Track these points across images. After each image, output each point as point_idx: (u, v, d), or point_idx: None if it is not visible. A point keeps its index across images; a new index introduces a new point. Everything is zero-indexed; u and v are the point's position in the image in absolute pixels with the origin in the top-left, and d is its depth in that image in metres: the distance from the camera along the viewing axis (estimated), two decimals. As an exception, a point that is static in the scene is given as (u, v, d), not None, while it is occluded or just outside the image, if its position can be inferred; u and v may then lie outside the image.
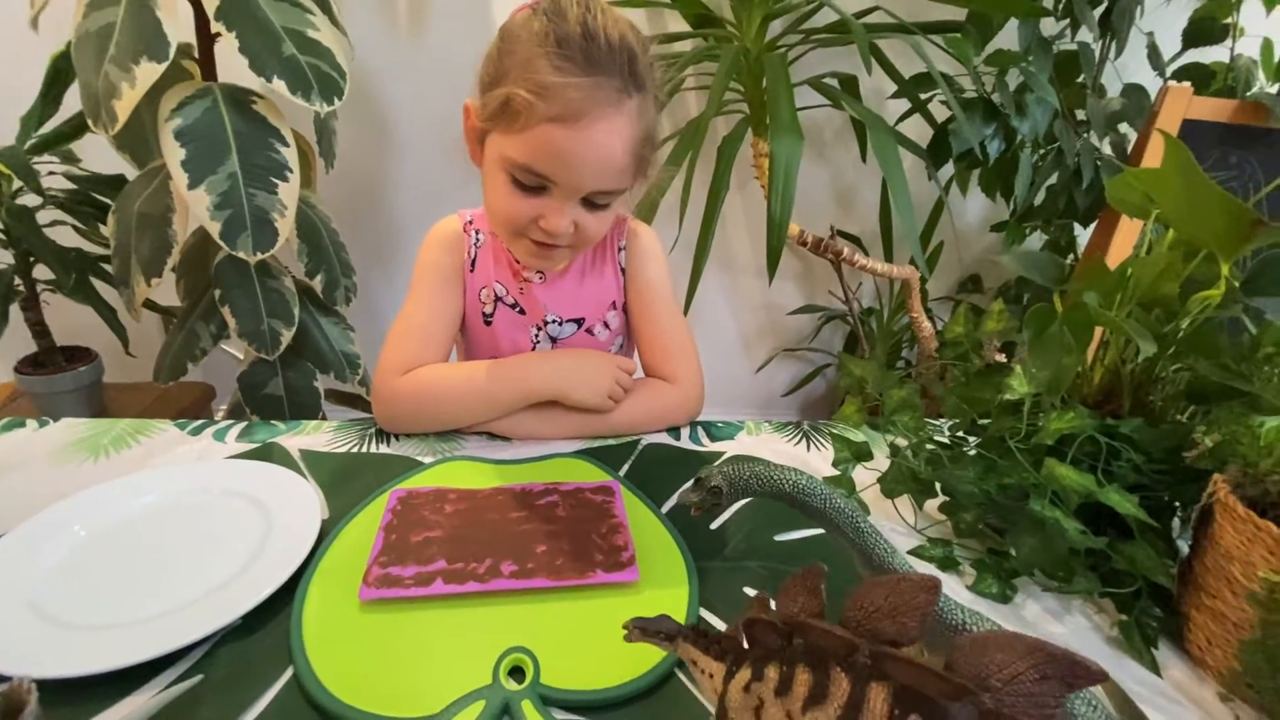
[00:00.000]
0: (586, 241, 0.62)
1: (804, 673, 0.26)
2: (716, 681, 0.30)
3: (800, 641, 0.27)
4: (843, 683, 0.25)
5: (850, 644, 0.25)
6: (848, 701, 0.25)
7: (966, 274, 1.63)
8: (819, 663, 0.26)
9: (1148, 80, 1.26)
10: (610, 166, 0.56)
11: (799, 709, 0.26)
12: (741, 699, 0.29)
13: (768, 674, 0.28)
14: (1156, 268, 0.48)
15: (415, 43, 1.33)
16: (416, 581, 0.43)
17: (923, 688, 0.23)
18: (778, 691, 0.27)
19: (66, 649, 0.37)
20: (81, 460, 0.57)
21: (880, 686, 0.24)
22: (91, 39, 0.88)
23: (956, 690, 0.22)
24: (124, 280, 1.04)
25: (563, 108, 0.52)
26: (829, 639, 0.26)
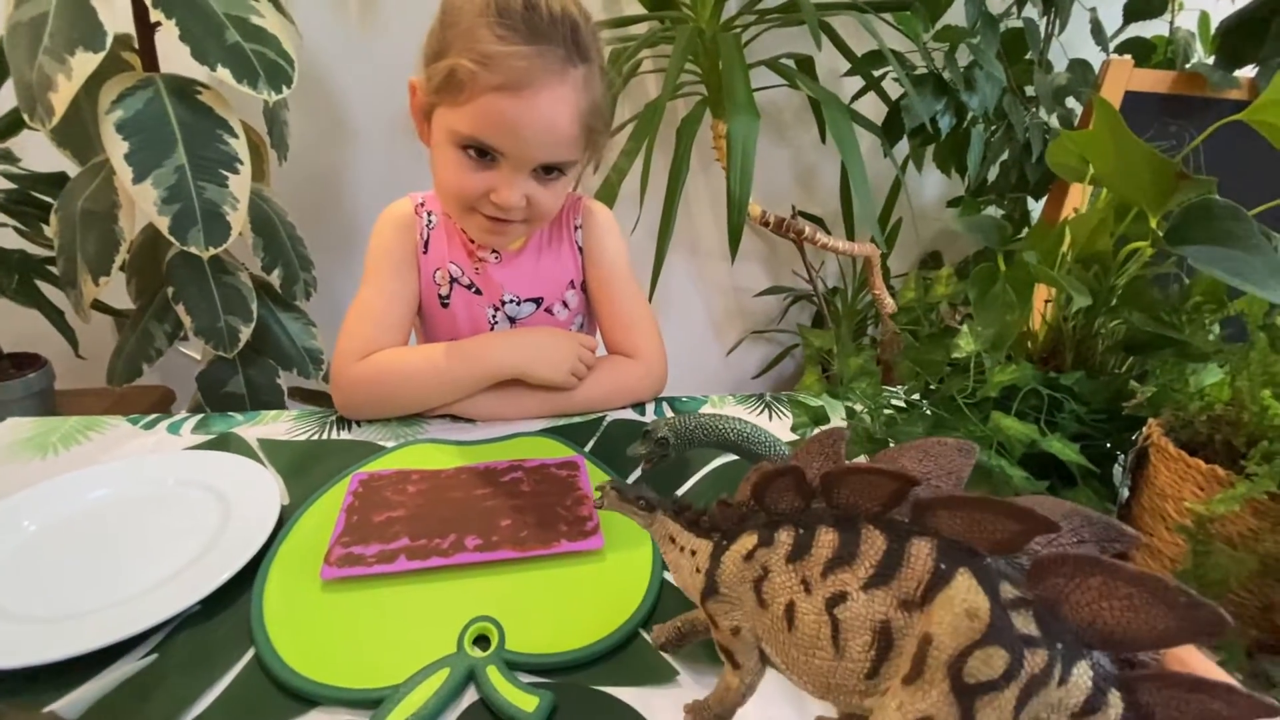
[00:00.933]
0: (539, 216, 0.61)
1: (828, 533, 0.23)
2: (700, 559, 0.28)
3: (822, 505, 0.24)
4: (876, 540, 0.22)
5: (903, 484, 0.22)
6: (882, 560, 0.22)
7: (926, 251, 1.66)
8: (846, 521, 0.23)
9: (1092, 55, 1.30)
10: (558, 136, 0.56)
11: (818, 573, 0.23)
12: (740, 569, 0.26)
13: (779, 538, 0.25)
14: (1091, 224, 0.50)
15: (366, 29, 1.30)
16: (379, 559, 0.43)
17: (972, 541, 0.21)
18: (791, 556, 0.24)
19: (17, 640, 0.36)
20: (29, 459, 0.55)
21: (923, 541, 0.22)
22: (24, 29, 0.85)
23: (1008, 543, 0.20)
24: (70, 281, 1.01)
25: (506, 77, 0.52)
26: (872, 485, 0.22)
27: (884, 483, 0.22)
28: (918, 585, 0.21)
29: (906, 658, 0.21)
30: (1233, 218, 0.43)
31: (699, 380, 1.80)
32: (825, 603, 0.23)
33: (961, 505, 0.21)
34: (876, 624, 0.22)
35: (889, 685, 0.22)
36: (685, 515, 0.29)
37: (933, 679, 0.20)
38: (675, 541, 0.29)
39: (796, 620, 0.24)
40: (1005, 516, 0.20)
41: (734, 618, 0.26)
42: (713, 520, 0.28)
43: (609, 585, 0.43)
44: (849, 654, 0.22)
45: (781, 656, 0.25)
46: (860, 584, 0.22)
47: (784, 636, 0.24)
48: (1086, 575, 0.19)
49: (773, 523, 0.25)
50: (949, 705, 0.20)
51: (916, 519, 0.22)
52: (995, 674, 0.19)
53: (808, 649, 0.23)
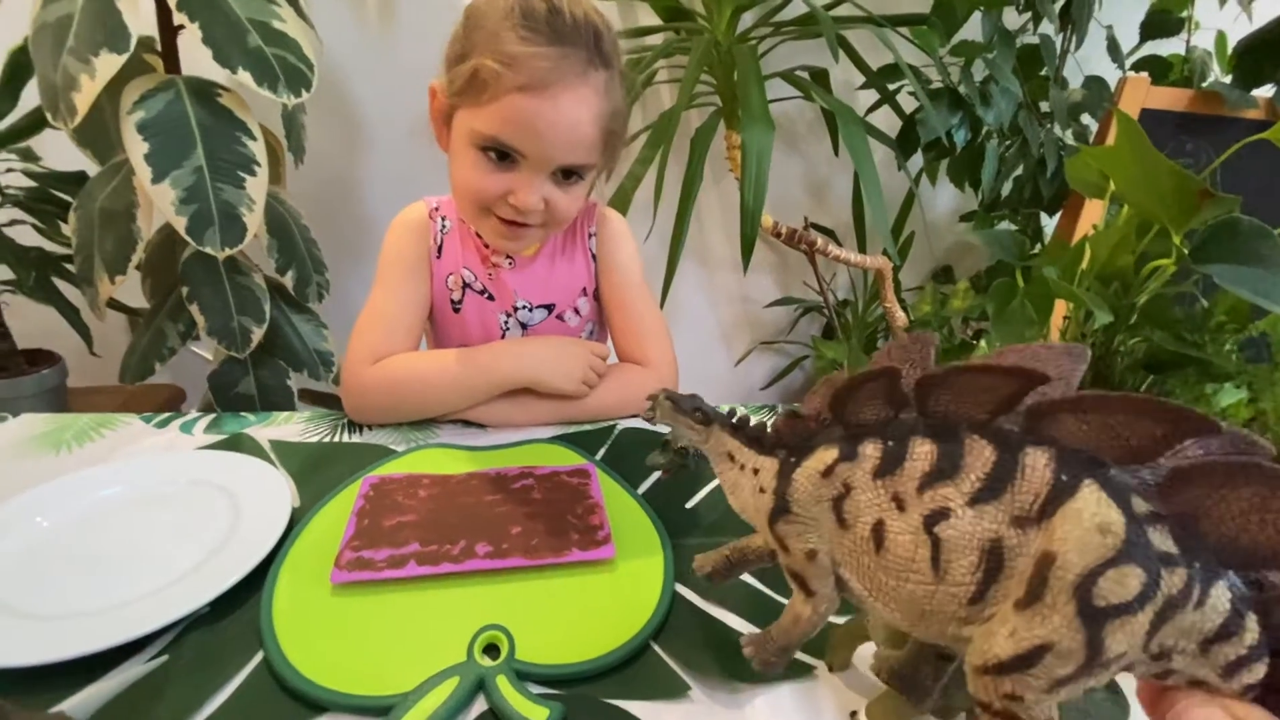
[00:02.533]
0: (556, 220, 0.61)
1: (924, 444, 0.21)
2: (764, 478, 0.25)
3: (911, 415, 0.22)
4: (983, 451, 0.20)
5: (1022, 383, 0.19)
6: (992, 472, 0.19)
7: (939, 265, 1.66)
8: (946, 432, 0.21)
9: (1108, 72, 1.30)
10: (578, 138, 0.56)
11: (913, 488, 0.20)
12: (816, 486, 0.23)
13: (864, 452, 0.22)
14: (1112, 241, 0.50)
15: (384, 35, 1.32)
16: (389, 564, 0.43)
17: (1098, 450, 0.19)
18: (879, 471, 0.21)
19: (27, 638, 0.36)
20: (42, 455, 0.55)
21: (1039, 451, 0.19)
22: (49, 30, 0.86)
23: (1146, 450, 0.18)
24: (86, 278, 1.01)
25: (529, 77, 0.52)
26: (983, 386, 0.19)
27: (998, 383, 0.19)
28: (1034, 499, 0.19)
29: (1020, 580, 0.19)
30: (1260, 237, 0.42)
31: (707, 390, 1.77)
32: (923, 520, 0.20)
33: (1096, 406, 0.18)
34: (985, 542, 0.19)
35: (995, 610, 0.20)
36: (746, 430, 0.27)
37: (1055, 602, 0.18)
38: (734, 459, 0.27)
39: (887, 541, 0.21)
40: (1152, 417, 0.18)
41: (809, 540, 0.23)
42: (779, 436, 0.25)
43: (620, 596, 0.42)
44: (951, 577, 0.20)
45: (866, 582, 0.22)
46: (965, 499, 0.20)
47: (870, 560, 0.22)
48: (1237, 485, 0.17)
49: (854, 435, 0.23)
50: (1074, 631, 0.18)
51: (1031, 427, 0.19)
52: (1129, 596, 0.17)
53: (900, 572, 0.21)
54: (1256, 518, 0.17)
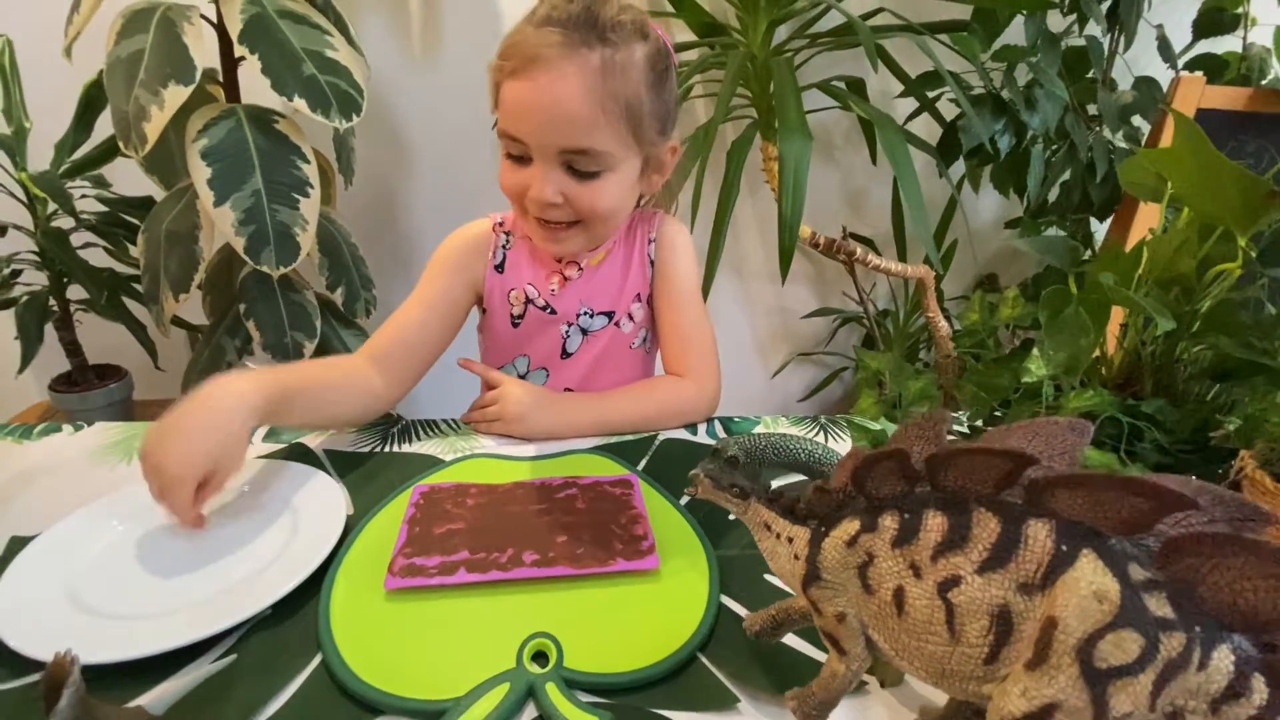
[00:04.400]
0: (587, 217, 0.61)
1: (936, 516, 0.23)
2: (798, 546, 0.27)
3: (926, 489, 0.23)
4: (989, 523, 0.21)
5: (1017, 463, 0.20)
6: (997, 542, 0.21)
7: (983, 273, 1.62)
8: (955, 504, 0.22)
9: (1158, 72, 1.26)
10: (569, 117, 0.56)
11: (928, 557, 0.22)
12: (842, 555, 0.25)
13: (883, 523, 0.24)
14: (1173, 245, 0.48)
15: (429, 61, 1.36)
16: (440, 571, 0.44)
17: (1095, 522, 0.20)
18: (897, 541, 0.23)
19: (105, 637, 0.38)
20: (115, 462, 0.58)
21: (1040, 523, 0.21)
22: (122, 65, 0.92)
23: (1136, 522, 0.19)
24: (153, 297, 1.07)
25: (517, 60, 0.55)
26: (982, 466, 0.21)
27: (996, 463, 0.21)
28: (1037, 568, 0.20)
29: (1028, 642, 0.20)
30: (1334, 238, 0.40)
31: (743, 402, 1.78)
32: (937, 587, 0.22)
33: (1083, 483, 0.20)
34: (994, 608, 0.21)
35: (1009, 670, 0.21)
36: (780, 502, 0.28)
37: (1059, 663, 0.19)
38: (771, 529, 0.29)
39: (906, 605, 0.23)
40: (1135, 494, 0.19)
41: (838, 604, 0.25)
42: (809, 507, 0.27)
43: (666, 606, 0.42)
44: (965, 639, 0.22)
45: (891, 643, 0.24)
46: (974, 567, 0.21)
47: (893, 622, 0.23)
48: (1227, 555, 0.18)
49: (874, 508, 0.24)
50: (1079, 690, 0.19)
51: (1032, 500, 0.21)
52: (1129, 658, 0.19)
53: (920, 634, 0.23)
54: (1248, 584, 0.18)
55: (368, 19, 1.31)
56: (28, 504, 0.52)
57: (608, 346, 0.72)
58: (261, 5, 0.94)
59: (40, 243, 1.19)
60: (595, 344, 0.72)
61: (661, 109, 0.62)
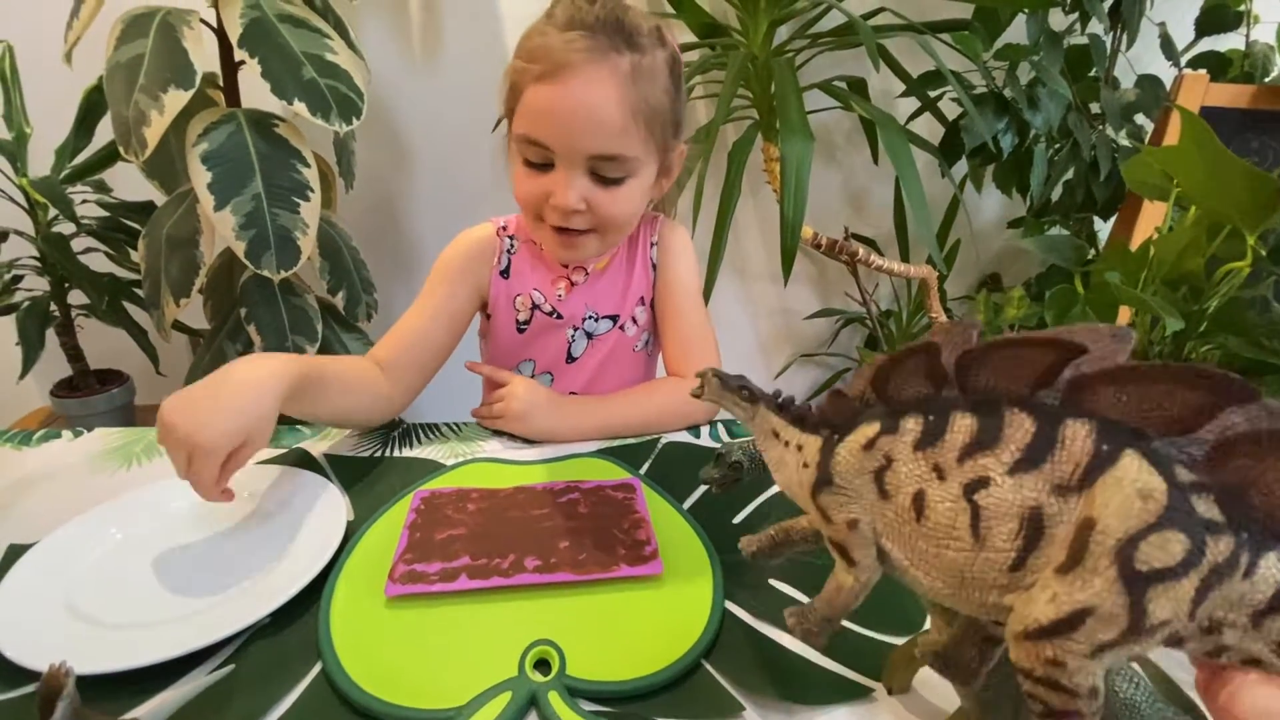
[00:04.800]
0: (607, 225, 0.61)
1: (964, 418, 0.21)
2: (808, 453, 0.25)
3: (953, 393, 0.22)
4: (1023, 423, 0.20)
5: (1062, 353, 0.19)
6: (1031, 443, 0.19)
7: (985, 272, 1.61)
8: (986, 405, 0.21)
9: (1161, 71, 1.25)
10: (600, 123, 0.55)
11: (953, 458, 0.21)
12: (858, 459, 0.23)
13: (905, 425, 0.22)
14: (1180, 244, 0.48)
15: (429, 65, 1.36)
16: (441, 577, 0.44)
17: (1140, 422, 0.18)
18: (919, 443, 0.22)
19: (103, 646, 0.38)
20: (115, 468, 0.58)
21: (1079, 423, 0.19)
22: (122, 70, 0.92)
23: (1188, 420, 0.17)
24: (154, 302, 1.07)
25: (545, 64, 0.54)
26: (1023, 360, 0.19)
27: (1037, 355, 0.19)
28: (1075, 468, 0.19)
29: (1060, 546, 0.19)
30: (1345, 236, 0.40)
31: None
32: (963, 489, 0.20)
33: (1132, 377, 0.18)
34: (1025, 509, 0.19)
35: (1035, 578, 0.20)
36: (790, 409, 0.27)
37: (1096, 566, 0.18)
38: (779, 436, 0.27)
39: (927, 509, 0.21)
40: (1189, 386, 0.17)
41: (850, 510, 0.24)
42: (822, 415, 0.26)
43: (669, 613, 0.42)
44: (991, 543, 0.20)
45: (906, 550, 0.22)
46: (1005, 468, 0.20)
47: (910, 528, 0.22)
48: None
49: (896, 412, 0.23)
50: (1116, 594, 0.18)
51: (1071, 400, 0.19)
52: (1172, 561, 0.17)
53: (940, 540, 0.21)
54: None
55: (368, 22, 1.31)
56: (26, 511, 0.52)
57: (612, 350, 0.72)
58: (261, 9, 0.94)
59: (41, 248, 1.19)
60: (600, 348, 0.72)
61: (678, 114, 0.62)
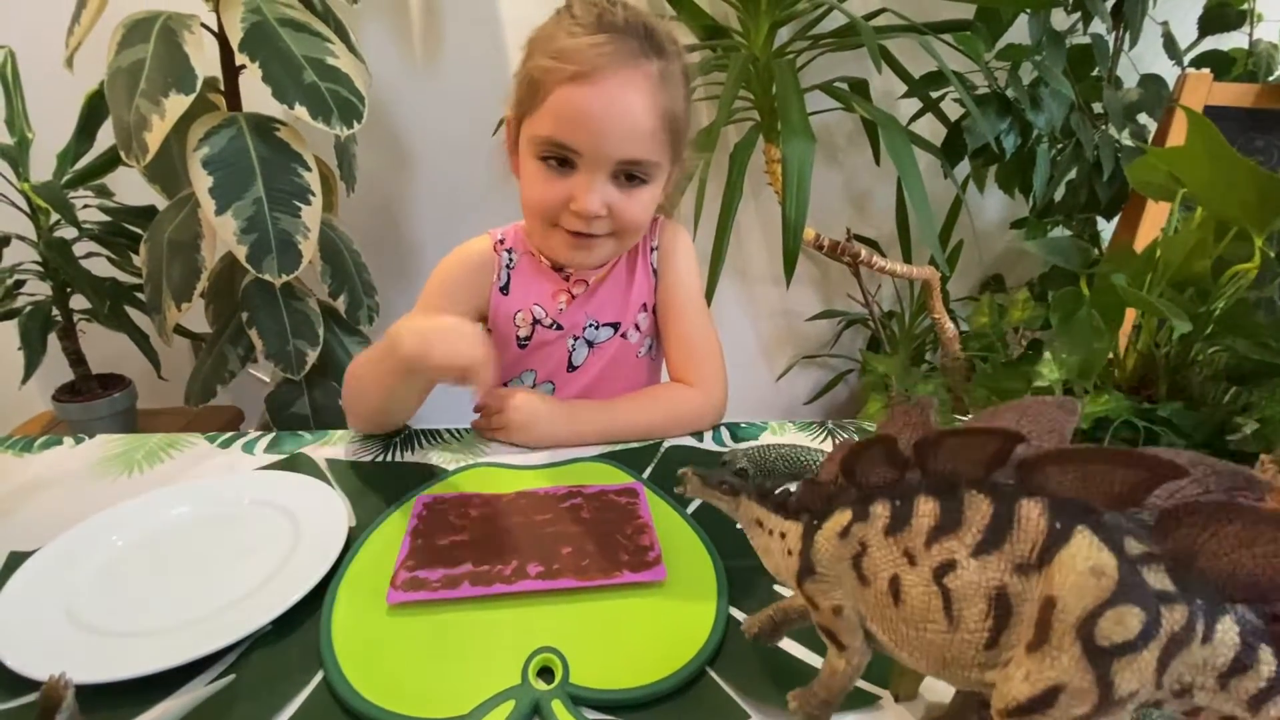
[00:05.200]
0: (625, 228, 0.60)
1: (927, 502, 0.22)
2: (791, 541, 0.26)
3: (916, 475, 0.23)
4: (981, 505, 0.21)
5: (1004, 441, 0.20)
6: (990, 524, 0.20)
7: (988, 273, 1.61)
8: (946, 489, 0.22)
9: (1164, 70, 1.25)
10: (632, 125, 0.54)
11: (921, 543, 0.22)
12: (835, 547, 0.24)
13: (875, 512, 0.23)
14: (1186, 246, 0.47)
15: (430, 68, 1.36)
16: (443, 584, 0.43)
17: (1087, 497, 0.20)
18: (889, 529, 0.23)
19: (103, 655, 0.37)
20: (116, 475, 0.58)
21: (1032, 502, 0.20)
22: (123, 74, 0.92)
23: (1129, 495, 0.19)
24: (156, 306, 1.07)
25: (579, 65, 0.52)
26: (972, 446, 0.21)
27: (984, 443, 0.21)
28: (1032, 547, 0.20)
29: (1028, 624, 0.20)
30: (1355, 237, 0.40)
31: (748, 405, 1.77)
32: (932, 573, 0.21)
33: (1073, 458, 0.19)
34: (991, 591, 0.20)
35: (1011, 655, 0.20)
36: (771, 498, 0.28)
37: (1061, 644, 0.19)
38: (763, 525, 0.28)
39: (903, 594, 0.22)
40: (1125, 466, 0.19)
41: (834, 597, 0.25)
42: (800, 501, 0.27)
43: (673, 619, 0.42)
44: (964, 625, 0.21)
45: (889, 634, 0.23)
46: (969, 550, 0.21)
47: (890, 612, 0.23)
48: (1222, 523, 0.18)
49: (865, 497, 0.24)
50: (1082, 670, 0.19)
51: (1023, 480, 0.20)
52: (1131, 634, 0.18)
53: (918, 623, 0.22)
54: (1246, 552, 0.18)
55: (368, 26, 1.31)
56: (28, 518, 0.52)
57: (614, 357, 0.72)
58: (262, 13, 0.94)
59: (43, 253, 1.19)
60: (601, 356, 0.71)
61: (691, 124, 0.62)
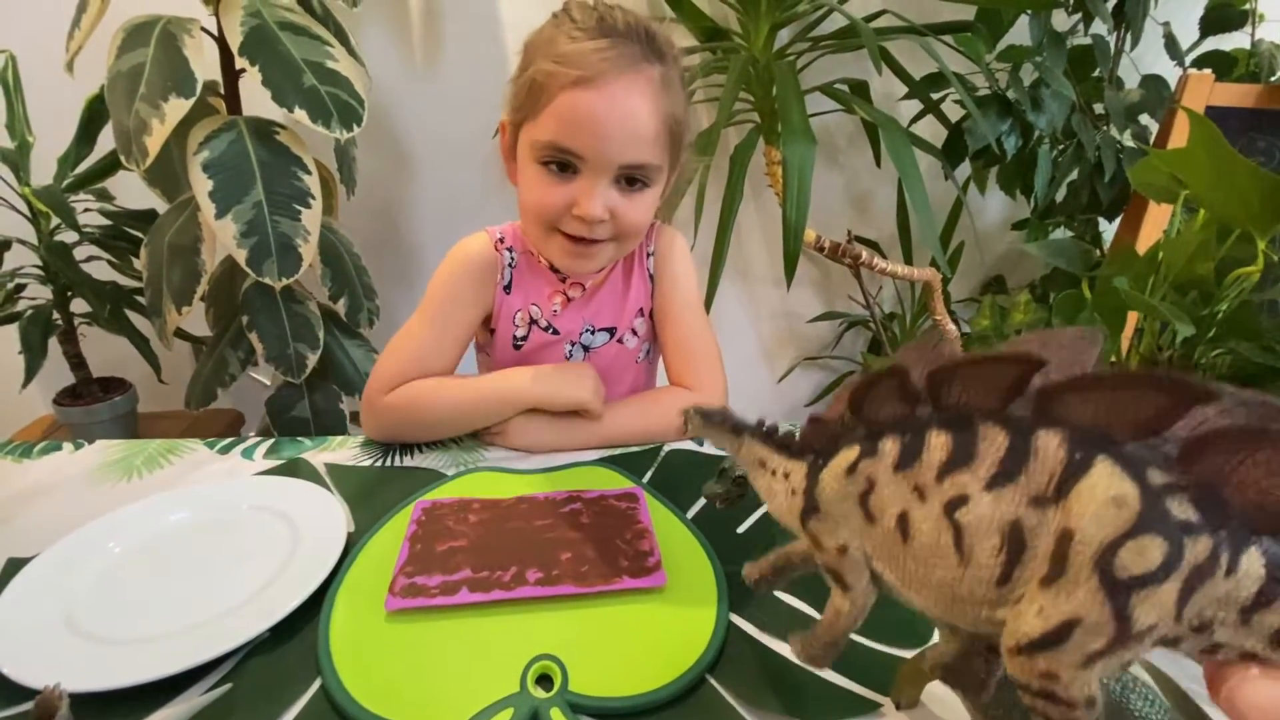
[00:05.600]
0: (626, 233, 0.60)
1: (939, 435, 0.21)
2: (795, 480, 0.26)
3: (927, 410, 0.22)
4: (996, 437, 0.20)
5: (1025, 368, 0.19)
6: (1005, 456, 0.20)
7: (989, 275, 1.60)
8: (959, 422, 0.21)
9: (1165, 71, 1.24)
10: (636, 130, 0.54)
11: (932, 478, 0.21)
12: (841, 485, 0.24)
13: (884, 448, 0.23)
14: (1189, 248, 0.47)
15: (430, 72, 1.36)
16: (442, 591, 0.43)
17: (1108, 428, 0.19)
18: (899, 464, 0.22)
19: (100, 663, 0.37)
20: (116, 480, 0.58)
21: (1050, 433, 0.19)
22: (123, 79, 0.92)
23: (1153, 422, 0.18)
24: (156, 310, 1.07)
25: (582, 70, 0.52)
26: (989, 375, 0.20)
27: (1002, 370, 0.20)
28: (1050, 479, 0.19)
29: (1043, 558, 0.19)
30: (1360, 239, 0.39)
31: (749, 407, 1.75)
32: (943, 508, 0.21)
33: (1096, 385, 0.18)
34: (1005, 524, 0.20)
35: (1023, 591, 0.20)
36: (775, 438, 0.27)
37: (1077, 577, 0.18)
38: (766, 465, 0.28)
39: (912, 530, 0.22)
40: (1152, 389, 0.18)
41: (839, 536, 0.24)
42: (805, 440, 0.26)
43: (673, 626, 0.41)
44: (976, 560, 0.20)
45: (897, 573, 0.23)
46: (982, 484, 0.20)
47: (898, 550, 0.22)
48: (1252, 450, 0.17)
49: (875, 433, 0.23)
50: (1099, 604, 0.18)
51: (1041, 410, 0.20)
52: (1152, 566, 0.17)
53: (927, 560, 0.21)
54: (1276, 481, 0.17)
55: (368, 29, 1.31)
56: (26, 524, 0.52)
57: (612, 362, 0.71)
58: (261, 17, 0.94)
59: (44, 257, 1.19)
60: (597, 361, 0.71)
61: (689, 125, 0.62)
